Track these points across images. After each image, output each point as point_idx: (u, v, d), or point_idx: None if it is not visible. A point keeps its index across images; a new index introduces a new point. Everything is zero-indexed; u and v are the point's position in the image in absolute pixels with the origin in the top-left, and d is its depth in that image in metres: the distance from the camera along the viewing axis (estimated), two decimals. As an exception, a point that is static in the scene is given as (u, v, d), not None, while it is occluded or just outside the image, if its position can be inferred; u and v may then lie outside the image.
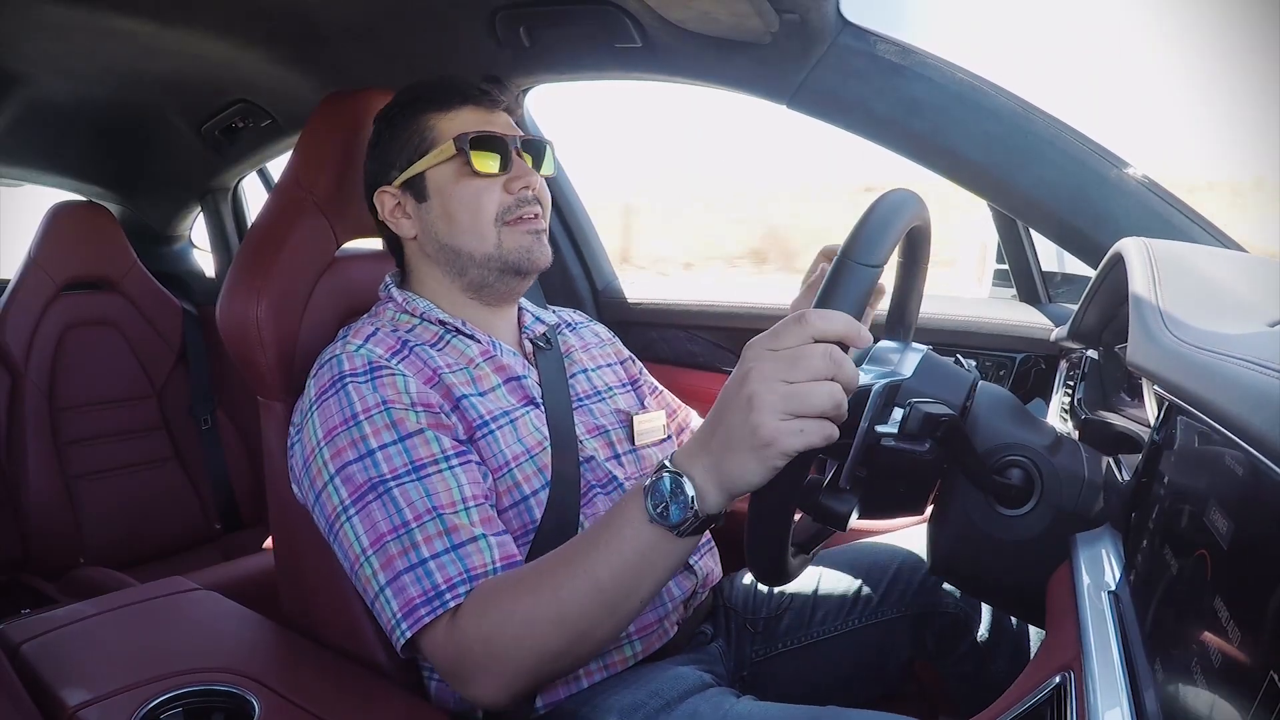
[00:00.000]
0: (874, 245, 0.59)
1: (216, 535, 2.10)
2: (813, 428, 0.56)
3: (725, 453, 0.59)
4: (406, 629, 0.73)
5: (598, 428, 0.96)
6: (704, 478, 0.61)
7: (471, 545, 0.75)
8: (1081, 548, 0.63)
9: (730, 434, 0.58)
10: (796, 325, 0.57)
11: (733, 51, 1.12)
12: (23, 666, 0.85)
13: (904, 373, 0.68)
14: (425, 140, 0.91)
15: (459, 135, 0.89)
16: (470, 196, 0.90)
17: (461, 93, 0.93)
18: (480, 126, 0.91)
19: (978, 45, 19.62)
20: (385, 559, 0.75)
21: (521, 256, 0.91)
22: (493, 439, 0.85)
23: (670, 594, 0.91)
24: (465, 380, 0.88)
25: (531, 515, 0.85)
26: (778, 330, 0.58)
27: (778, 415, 0.56)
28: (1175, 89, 17.69)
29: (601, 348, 1.09)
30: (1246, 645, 0.35)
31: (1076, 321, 0.94)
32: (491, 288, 0.93)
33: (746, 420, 0.57)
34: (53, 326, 1.94)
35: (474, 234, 0.90)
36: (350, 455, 0.78)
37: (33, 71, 1.57)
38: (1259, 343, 0.46)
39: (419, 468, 0.78)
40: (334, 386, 0.82)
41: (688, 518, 0.62)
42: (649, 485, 0.63)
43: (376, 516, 0.76)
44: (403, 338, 0.89)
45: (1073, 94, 20.01)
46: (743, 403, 0.57)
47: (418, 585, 0.73)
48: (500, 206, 0.90)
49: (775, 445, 0.56)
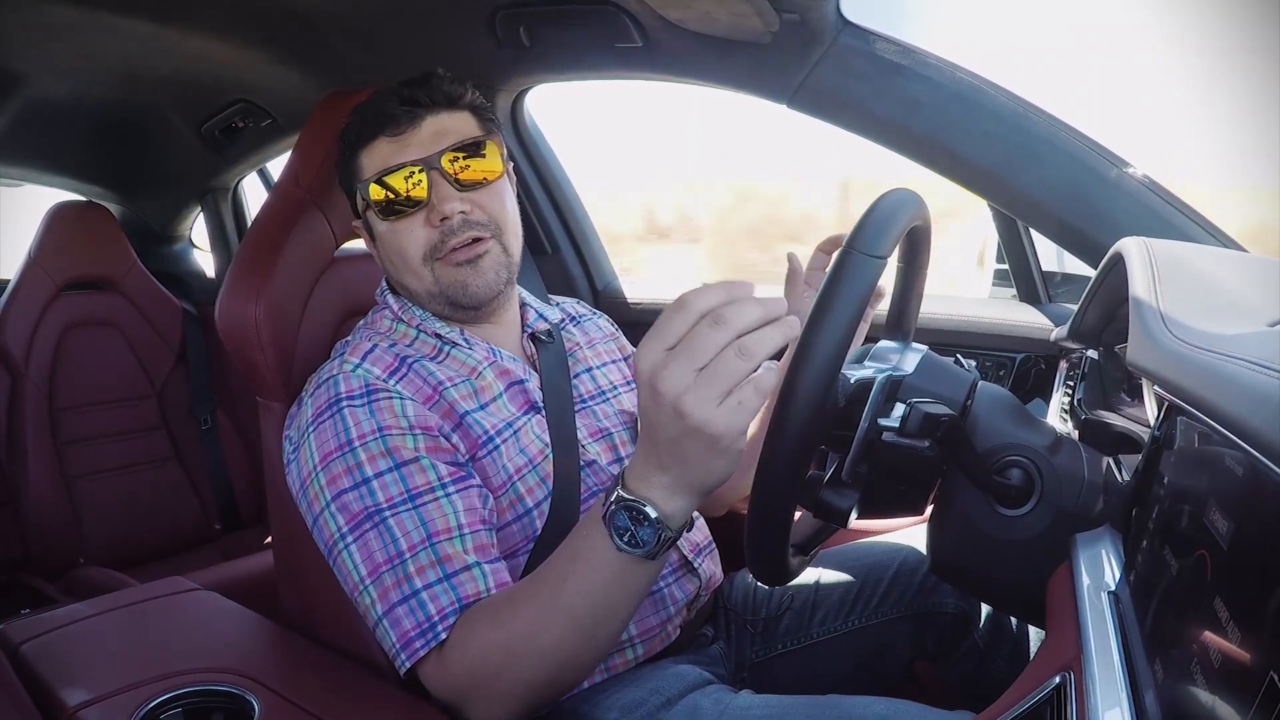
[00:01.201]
0: (879, 237, 0.59)
1: (216, 535, 2.10)
2: (748, 393, 0.54)
3: (683, 463, 0.57)
4: (405, 660, 0.73)
5: (601, 430, 0.96)
6: (665, 496, 0.60)
7: (465, 574, 0.74)
8: (1081, 548, 0.63)
9: (678, 446, 0.56)
10: (677, 313, 0.55)
11: (733, 51, 1.12)
12: (23, 666, 0.85)
13: (905, 369, 0.68)
14: (357, 178, 0.88)
15: (363, 180, 0.86)
16: (393, 240, 0.87)
17: (375, 123, 0.86)
18: (388, 160, 0.85)
19: (978, 45, 19.66)
20: (381, 590, 0.75)
21: (458, 292, 0.87)
22: (497, 454, 0.84)
23: (673, 597, 0.91)
24: (467, 394, 0.86)
25: (534, 527, 0.85)
26: (660, 327, 0.55)
27: (712, 404, 0.54)
28: (1176, 89, 17.70)
29: (606, 343, 1.07)
30: (1246, 645, 0.35)
31: (1076, 321, 0.94)
32: (454, 317, 0.91)
33: (687, 428, 0.54)
34: (53, 326, 1.94)
35: (411, 273, 0.88)
36: (346, 483, 0.78)
37: (33, 71, 1.57)
38: (1259, 343, 0.46)
39: (414, 496, 0.77)
40: (330, 410, 0.81)
41: (655, 542, 0.61)
42: (607, 516, 0.61)
43: (373, 546, 0.76)
44: (401, 354, 0.87)
45: (1073, 94, 20.05)
46: (670, 414, 0.54)
47: (411, 617, 0.73)
48: (426, 245, 0.85)
49: (730, 431, 0.54)
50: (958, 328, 1.29)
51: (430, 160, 0.84)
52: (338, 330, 1.02)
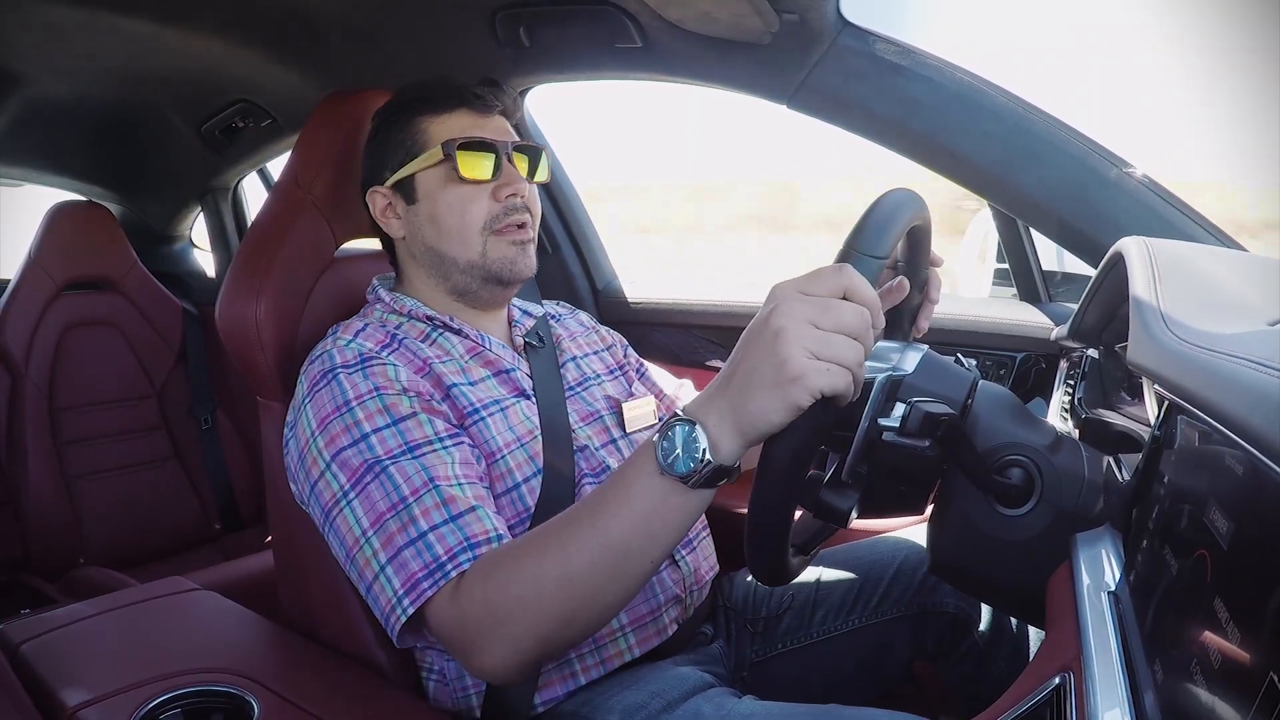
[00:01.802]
0: (879, 237, 0.59)
1: (216, 535, 2.10)
2: (838, 372, 0.54)
3: (746, 391, 0.57)
4: (409, 604, 0.71)
5: (591, 414, 0.97)
6: (718, 423, 0.59)
7: (470, 515, 0.74)
8: (1081, 548, 0.63)
9: (753, 370, 0.57)
10: (834, 274, 0.56)
11: (732, 51, 1.12)
12: (23, 666, 0.85)
13: (905, 369, 0.68)
14: (417, 143, 0.91)
15: (448, 140, 0.89)
16: (456, 202, 0.90)
17: (457, 95, 0.92)
18: (471, 131, 0.90)
19: (978, 45, 19.58)
20: (386, 537, 0.74)
21: (504, 267, 0.91)
22: (484, 425, 0.85)
23: (663, 584, 0.90)
24: (455, 370, 0.88)
25: (524, 503, 0.85)
26: (812, 275, 0.57)
27: (805, 353, 0.54)
28: (1174, 89, 17.68)
29: (586, 335, 1.10)
30: (1246, 645, 0.35)
31: (1077, 321, 0.94)
32: (475, 294, 0.93)
33: (773, 352, 0.55)
34: (53, 326, 1.94)
35: (459, 240, 0.90)
36: (344, 441, 0.78)
37: (33, 71, 1.57)
38: (1259, 342, 0.46)
39: (413, 447, 0.78)
40: (325, 378, 0.82)
41: (698, 467, 0.59)
42: (659, 435, 0.61)
43: (375, 496, 0.75)
44: (391, 332, 0.89)
45: (1073, 94, 19.98)
46: (769, 337, 0.55)
47: (419, 559, 0.72)
48: (488, 214, 0.90)
49: (802, 381, 0.54)
50: (958, 327, 1.29)
51: (506, 145, 0.91)
52: (337, 330, 1.02)
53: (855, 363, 0.55)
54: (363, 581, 0.76)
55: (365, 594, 0.76)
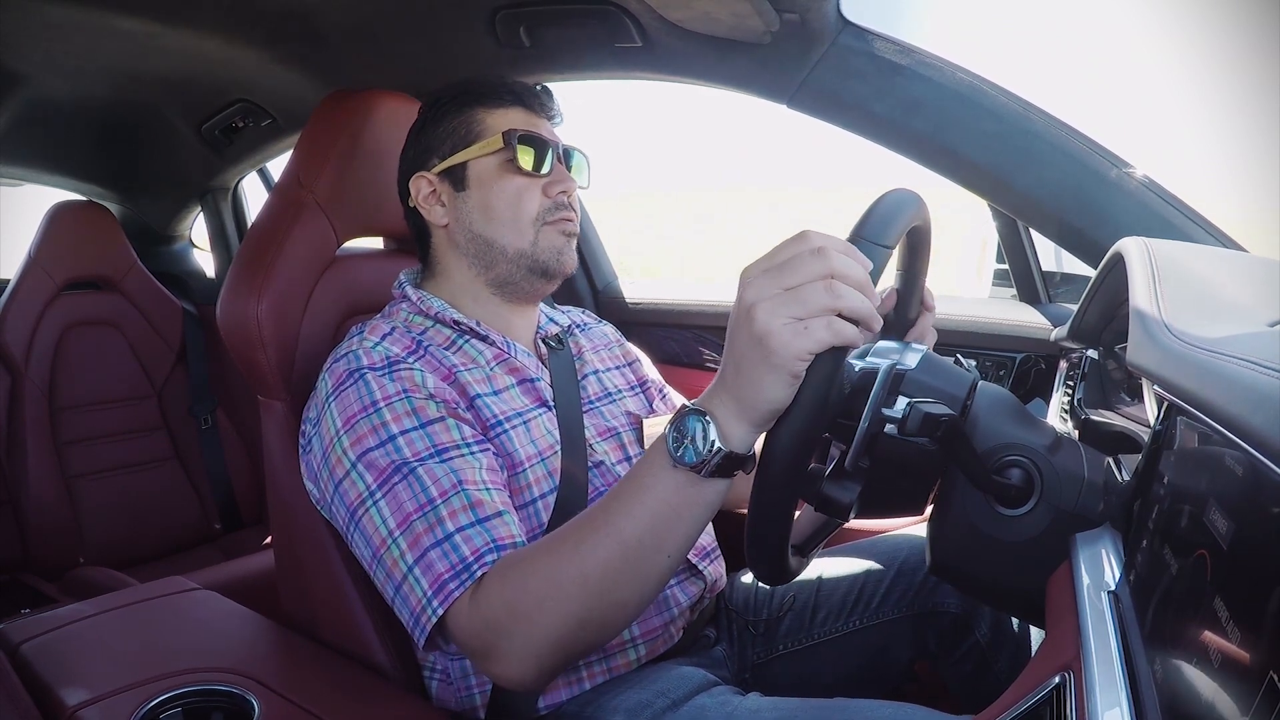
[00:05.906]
0: (885, 226, 0.59)
1: (216, 535, 2.10)
2: (818, 325, 0.54)
3: (741, 375, 0.57)
4: (439, 605, 0.71)
5: (609, 430, 0.97)
6: (725, 412, 0.59)
7: (497, 519, 0.74)
8: (1081, 548, 0.63)
9: (743, 354, 0.57)
10: (795, 241, 0.56)
11: (733, 51, 1.12)
12: (23, 666, 0.85)
13: (908, 364, 0.68)
14: (472, 131, 0.92)
15: (508, 131, 0.90)
16: (512, 191, 0.91)
17: (514, 92, 0.95)
18: (529, 127, 0.92)
19: (978, 45, 19.51)
20: (412, 538, 0.74)
21: (552, 257, 0.92)
22: (507, 438, 0.85)
23: (676, 599, 0.91)
24: (480, 379, 0.88)
25: (539, 518, 0.85)
26: (771, 251, 0.57)
27: (780, 319, 0.54)
28: (1175, 88, 17.58)
29: (610, 350, 1.09)
30: (1246, 645, 0.35)
31: (1076, 321, 0.94)
32: (516, 285, 0.94)
33: (751, 334, 0.55)
34: (53, 326, 1.94)
35: (511, 228, 0.91)
36: (371, 441, 0.78)
37: (33, 71, 1.57)
38: (1259, 343, 0.46)
39: (441, 450, 0.78)
40: (352, 377, 0.82)
41: (708, 455, 0.60)
42: (670, 426, 0.62)
43: (403, 497, 0.75)
44: (417, 338, 0.89)
45: (1073, 94, 19.92)
46: (745, 317, 0.56)
47: (445, 560, 0.72)
48: (540, 207, 0.92)
49: (788, 348, 0.54)
50: (958, 327, 1.29)
51: (558, 145, 0.95)
52: (339, 329, 1.03)
53: (832, 299, 0.54)
54: (391, 582, 0.75)
55: (394, 596, 0.75)
